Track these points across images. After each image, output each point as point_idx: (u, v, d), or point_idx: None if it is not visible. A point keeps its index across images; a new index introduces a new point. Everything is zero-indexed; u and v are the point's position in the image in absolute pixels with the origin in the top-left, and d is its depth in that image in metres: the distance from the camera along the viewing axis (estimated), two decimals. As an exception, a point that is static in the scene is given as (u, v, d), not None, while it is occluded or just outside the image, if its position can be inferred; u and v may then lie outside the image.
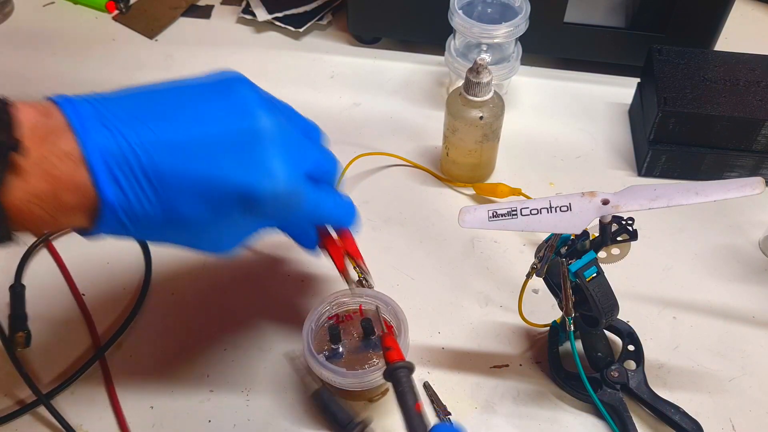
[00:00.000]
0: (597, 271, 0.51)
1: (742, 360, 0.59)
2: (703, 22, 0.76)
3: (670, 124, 0.68)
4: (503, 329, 0.61)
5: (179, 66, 0.84)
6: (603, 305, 0.52)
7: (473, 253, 0.66)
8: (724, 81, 0.69)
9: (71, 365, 0.58)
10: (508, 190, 0.69)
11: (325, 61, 0.85)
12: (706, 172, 0.71)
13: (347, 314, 0.56)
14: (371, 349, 0.54)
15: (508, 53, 0.76)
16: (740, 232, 0.68)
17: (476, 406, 0.56)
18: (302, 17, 0.87)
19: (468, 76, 0.64)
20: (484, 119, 0.65)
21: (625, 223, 0.51)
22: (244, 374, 0.58)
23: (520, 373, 0.58)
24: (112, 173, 0.39)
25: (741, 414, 0.56)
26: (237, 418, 0.56)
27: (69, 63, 0.84)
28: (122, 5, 0.90)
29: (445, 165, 0.72)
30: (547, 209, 0.49)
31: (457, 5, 0.72)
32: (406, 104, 0.80)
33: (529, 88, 0.82)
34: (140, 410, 0.56)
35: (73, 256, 0.65)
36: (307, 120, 0.51)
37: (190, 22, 0.90)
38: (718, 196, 0.47)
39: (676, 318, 0.62)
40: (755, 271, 0.65)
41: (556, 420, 0.56)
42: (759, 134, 0.68)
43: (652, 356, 0.58)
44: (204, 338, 0.60)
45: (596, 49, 0.80)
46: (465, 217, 0.50)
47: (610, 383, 0.55)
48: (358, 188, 0.71)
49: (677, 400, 0.55)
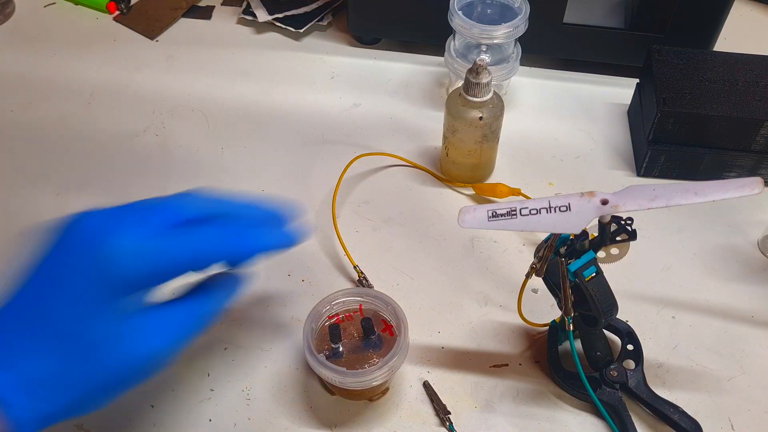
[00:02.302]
0: (596, 271, 0.51)
1: (741, 359, 0.59)
2: (702, 23, 0.76)
3: (669, 125, 0.69)
4: (503, 329, 0.61)
5: (180, 66, 0.84)
6: (602, 305, 0.52)
7: (473, 253, 0.66)
8: (723, 81, 0.70)
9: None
10: (507, 190, 0.69)
11: (325, 62, 0.85)
12: (705, 172, 0.71)
13: (347, 314, 0.56)
14: (371, 349, 0.54)
15: (507, 54, 0.76)
16: (739, 232, 0.68)
17: (476, 405, 0.57)
18: (302, 18, 0.87)
19: (467, 76, 0.64)
20: (484, 120, 0.65)
21: (624, 223, 0.51)
22: (244, 373, 0.58)
23: (520, 373, 0.58)
24: None
25: (740, 413, 0.56)
26: (237, 418, 0.56)
27: (70, 63, 0.84)
28: (123, 6, 0.90)
29: (444, 165, 0.72)
30: (546, 209, 0.49)
31: (456, 6, 0.72)
32: (406, 105, 0.80)
33: (529, 88, 0.82)
34: (140, 410, 0.56)
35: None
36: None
37: (191, 22, 0.90)
38: (717, 196, 0.47)
39: (675, 317, 0.62)
40: (754, 271, 0.65)
41: (556, 419, 0.56)
42: (758, 134, 0.68)
43: (651, 356, 0.59)
44: (204, 337, 0.60)
45: (595, 50, 0.81)
46: (464, 217, 0.50)
47: (610, 382, 0.55)
48: (358, 188, 0.72)
49: (676, 400, 0.55)
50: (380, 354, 0.53)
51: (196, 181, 0.72)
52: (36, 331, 0.43)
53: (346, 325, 0.56)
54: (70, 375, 0.43)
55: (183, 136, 0.77)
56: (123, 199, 0.47)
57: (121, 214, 0.45)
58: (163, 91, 0.81)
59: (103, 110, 0.79)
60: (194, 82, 0.82)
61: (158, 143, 0.76)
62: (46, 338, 0.42)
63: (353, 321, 0.56)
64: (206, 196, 0.49)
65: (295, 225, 0.51)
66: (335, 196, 0.69)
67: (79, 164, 0.74)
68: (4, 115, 0.79)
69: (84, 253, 0.43)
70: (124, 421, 0.55)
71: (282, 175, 0.73)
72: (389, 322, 0.55)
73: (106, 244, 0.43)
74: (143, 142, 0.76)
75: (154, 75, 0.83)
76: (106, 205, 0.46)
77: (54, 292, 0.43)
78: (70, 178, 0.72)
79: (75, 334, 0.43)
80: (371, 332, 0.54)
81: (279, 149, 0.75)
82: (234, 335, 0.60)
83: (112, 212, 0.45)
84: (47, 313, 0.43)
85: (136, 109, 0.79)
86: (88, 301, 0.43)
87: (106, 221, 0.45)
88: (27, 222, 0.69)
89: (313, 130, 0.77)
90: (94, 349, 0.43)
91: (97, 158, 0.74)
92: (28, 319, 0.43)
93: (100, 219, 0.45)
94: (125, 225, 0.44)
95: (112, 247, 0.43)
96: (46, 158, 0.74)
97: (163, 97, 0.81)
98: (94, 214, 0.45)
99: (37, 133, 0.77)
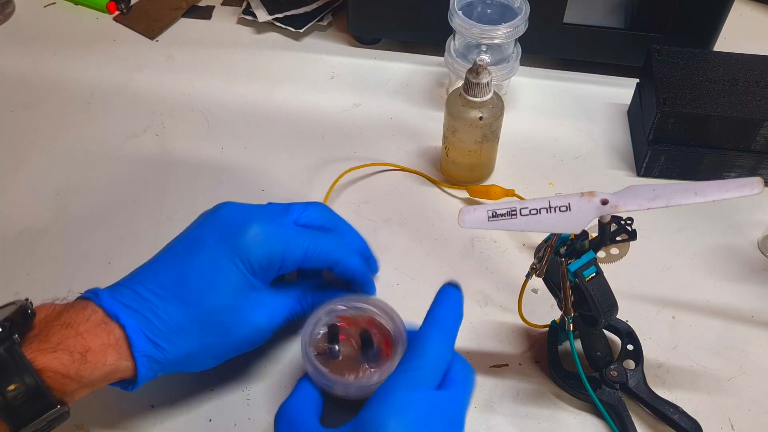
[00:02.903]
0: (596, 271, 0.51)
1: (741, 359, 0.59)
2: (702, 23, 0.76)
3: (669, 125, 0.69)
4: (503, 329, 0.61)
5: (180, 66, 0.84)
6: (602, 305, 0.52)
7: (473, 253, 0.66)
8: (724, 81, 0.70)
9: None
10: (501, 192, 0.69)
11: (325, 62, 0.85)
12: (705, 172, 0.71)
13: (349, 319, 0.55)
14: (367, 362, 0.53)
15: (507, 54, 0.76)
16: (739, 232, 0.68)
17: (476, 405, 0.56)
18: (302, 18, 0.87)
19: (468, 76, 0.64)
20: (484, 120, 0.65)
21: (624, 223, 0.51)
22: (244, 373, 0.58)
23: (520, 373, 0.58)
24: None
25: (740, 413, 0.56)
26: (237, 418, 0.56)
27: (70, 63, 0.84)
28: (123, 6, 0.90)
29: (444, 165, 0.72)
30: (546, 209, 0.49)
31: (456, 6, 0.72)
32: (406, 105, 0.80)
33: (529, 88, 0.82)
34: (140, 410, 0.56)
35: (70, 250, 0.65)
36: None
37: (191, 22, 0.90)
38: (717, 196, 0.47)
39: (675, 317, 0.62)
40: (754, 271, 0.65)
41: (556, 419, 0.56)
42: (758, 134, 0.68)
43: (651, 356, 0.59)
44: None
45: (595, 50, 0.81)
46: (464, 217, 0.50)
47: (610, 383, 0.55)
48: (358, 188, 0.72)
49: (676, 400, 0.55)
50: (376, 365, 0.53)
51: (195, 182, 0.72)
52: (169, 288, 0.49)
53: (349, 331, 0.55)
54: (193, 330, 0.49)
55: (183, 136, 0.77)
56: (123, 198, 0.47)
57: (259, 207, 0.54)
58: (163, 91, 0.81)
59: (103, 110, 0.79)
60: (194, 82, 0.82)
61: (158, 143, 0.76)
62: (177, 295, 0.49)
63: (355, 327, 0.55)
64: (325, 209, 0.59)
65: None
66: (326, 200, 0.69)
67: (80, 165, 0.74)
68: (4, 115, 0.78)
69: (223, 229, 0.52)
70: (124, 421, 0.55)
71: (282, 175, 0.73)
72: (389, 338, 0.54)
73: (243, 225, 0.51)
74: (143, 141, 0.76)
75: (154, 75, 0.83)
76: (106, 205, 0.47)
77: (191, 257, 0.51)
78: (71, 178, 0.72)
79: (203, 297, 0.50)
80: (370, 346, 0.54)
81: (279, 149, 0.75)
82: (234, 335, 0.60)
83: (252, 205, 0.54)
84: (181, 274, 0.50)
85: (136, 109, 0.79)
86: (218, 269, 0.50)
87: (246, 209, 0.54)
88: (27, 222, 0.69)
89: (313, 130, 0.77)
90: (216, 312, 0.50)
91: (98, 158, 0.74)
92: (165, 276, 0.50)
93: (242, 206, 0.54)
94: (261, 213, 0.53)
95: (248, 228, 0.51)
96: (46, 158, 0.74)
97: (163, 97, 0.81)
98: (237, 203, 0.54)
99: (38, 133, 0.77)
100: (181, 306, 0.49)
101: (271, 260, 0.52)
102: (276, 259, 0.52)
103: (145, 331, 0.48)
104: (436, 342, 0.46)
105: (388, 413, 0.42)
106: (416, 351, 0.45)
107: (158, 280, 0.50)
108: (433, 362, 0.45)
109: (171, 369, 0.51)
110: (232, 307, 0.51)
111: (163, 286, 0.49)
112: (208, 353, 0.51)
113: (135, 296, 0.49)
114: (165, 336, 0.49)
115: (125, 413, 0.56)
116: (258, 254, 0.51)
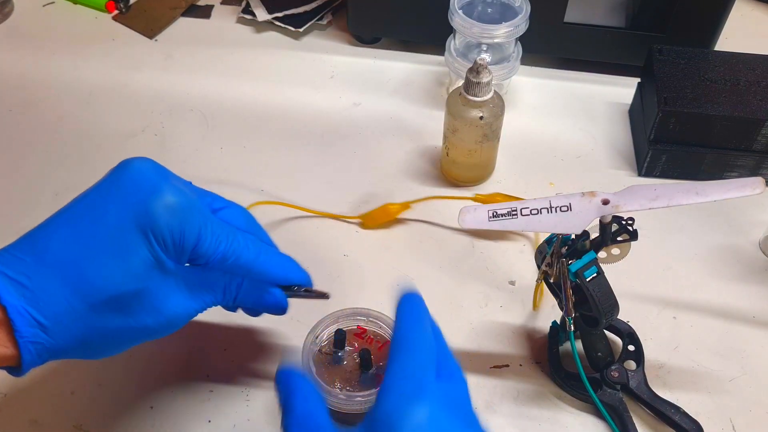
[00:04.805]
0: (597, 271, 0.51)
1: (742, 360, 0.59)
2: (703, 22, 0.76)
3: (671, 124, 0.68)
4: (503, 329, 0.61)
5: (179, 66, 0.84)
6: (603, 305, 0.52)
7: (473, 253, 0.66)
8: (725, 81, 0.69)
9: (71, 365, 0.58)
10: (504, 200, 0.68)
11: (325, 61, 0.85)
12: (706, 172, 0.71)
13: (363, 336, 0.55)
14: (365, 382, 0.53)
15: (508, 53, 0.76)
16: (740, 232, 0.68)
17: (476, 406, 0.56)
18: (302, 17, 0.87)
19: (468, 76, 0.64)
20: (484, 119, 0.65)
21: (626, 223, 0.51)
22: (244, 374, 0.58)
23: (520, 374, 0.58)
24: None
25: (741, 414, 0.56)
26: (237, 418, 0.56)
27: (69, 63, 0.84)
28: (122, 5, 0.90)
29: (445, 165, 0.72)
30: (547, 209, 0.49)
31: (457, 5, 0.72)
32: (406, 104, 0.80)
33: (529, 88, 0.82)
34: (140, 410, 0.56)
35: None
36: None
37: (190, 22, 0.90)
38: (718, 196, 0.47)
39: (676, 318, 0.62)
40: (755, 271, 0.65)
41: (556, 420, 0.56)
42: (759, 134, 0.68)
43: (652, 356, 0.58)
44: (204, 338, 0.60)
45: (596, 49, 0.80)
46: (465, 217, 0.50)
47: (610, 383, 0.55)
48: (358, 188, 0.71)
49: (677, 400, 0.55)
50: (368, 388, 0.52)
51: (195, 182, 0.71)
52: (61, 259, 0.41)
53: (353, 339, 0.54)
54: (87, 313, 0.42)
55: (182, 136, 0.76)
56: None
57: (176, 177, 0.46)
58: (162, 91, 0.81)
59: (102, 109, 0.79)
60: (193, 81, 0.82)
61: (157, 143, 0.76)
62: (70, 270, 0.41)
63: (359, 339, 0.55)
64: (248, 214, 0.52)
65: None
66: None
67: (78, 164, 0.73)
68: (3, 115, 0.78)
69: (132, 190, 0.43)
70: (123, 421, 0.55)
71: (281, 175, 0.72)
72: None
73: (156, 188, 0.43)
74: (142, 141, 0.76)
75: (153, 74, 0.83)
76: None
77: (90, 225, 0.42)
78: (69, 178, 0.72)
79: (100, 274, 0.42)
80: (367, 367, 0.53)
81: (278, 149, 0.75)
82: (234, 335, 0.60)
83: (167, 169, 0.46)
84: (76, 243, 0.42)
85: (135, 109, 0.79)
86: (122, 241, 0.42)
87: (160, 171, 0.45)
88: (27, 222, 0.69)
89: (312, 130, 0.77)
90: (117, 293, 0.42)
91: (96, 158, 0.74)
92: (57, 245, 0.42)
93: (155, 166, 0.45)
94: (177, 182, 0.45)
95: (162, 192, 0.43)
96: (44, 158, 0.74)
97: (162, 96, 0.80)
98: (151, 162, 0.45)
99: (36, 133, 0.76)
100: (73, 283, 0.41)
101: (186, 236, 0.44)
102: (191, 237, 0.44)
103: (31, 311, 0.40)
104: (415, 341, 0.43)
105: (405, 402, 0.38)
106: (400, 354, 0.41)
107: (51, 248, 0.42)
108: (422, 358, 0.42)
109: (64, 355, 0.43)
110: (136, 288, 0.43)
111: (56, 256, 0.41)
112: (109, 340, 0.44)
113: (22, 266, 0.41)
114: (54, 317, 0.41)
115: (125, 413, 0.55)
116: (172, 225, 0.43)
